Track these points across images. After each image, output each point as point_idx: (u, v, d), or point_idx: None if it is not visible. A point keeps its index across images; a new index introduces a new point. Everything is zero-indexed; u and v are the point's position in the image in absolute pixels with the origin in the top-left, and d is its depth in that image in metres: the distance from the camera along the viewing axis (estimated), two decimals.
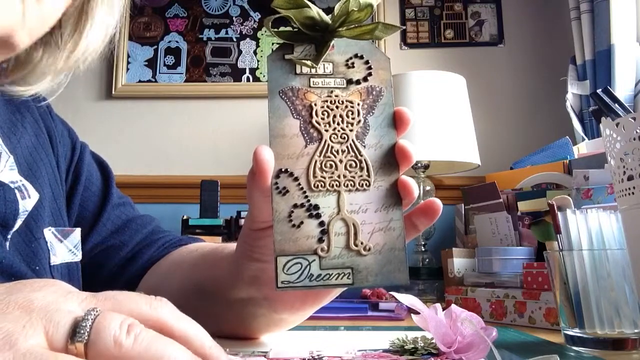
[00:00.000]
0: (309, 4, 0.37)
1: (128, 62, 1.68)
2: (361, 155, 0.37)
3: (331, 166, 0.36)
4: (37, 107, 0.60)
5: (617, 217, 0.57)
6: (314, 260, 0.34)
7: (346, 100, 0.38)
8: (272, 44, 1.68)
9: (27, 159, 0.54)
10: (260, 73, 1.67)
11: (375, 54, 0.39)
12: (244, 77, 1.67)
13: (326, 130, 0.37)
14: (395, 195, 0.37)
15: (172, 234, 0.67)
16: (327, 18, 0.38)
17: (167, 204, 1.57)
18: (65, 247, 0.55)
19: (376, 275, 0.35)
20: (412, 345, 0.43)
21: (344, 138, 0.37)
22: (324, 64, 0.38)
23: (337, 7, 0.37)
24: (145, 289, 0.60)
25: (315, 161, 0.36)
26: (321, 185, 0.36)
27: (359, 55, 0.39)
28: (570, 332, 0.54)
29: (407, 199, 0.37)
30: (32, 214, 0.51)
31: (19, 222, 0.49)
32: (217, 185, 1.35)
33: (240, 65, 1.67)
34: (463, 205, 1.28)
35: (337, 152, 0.37)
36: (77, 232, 0.58)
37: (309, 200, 0.35)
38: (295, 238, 0.34)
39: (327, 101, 0.38)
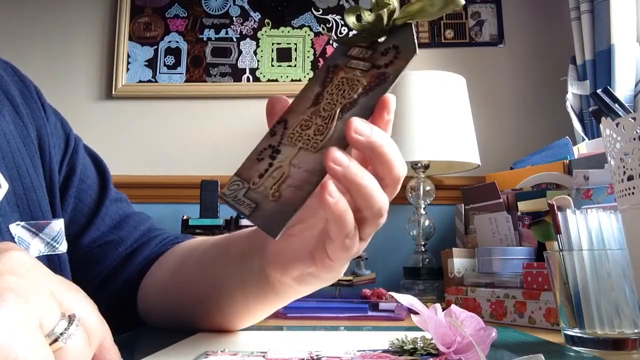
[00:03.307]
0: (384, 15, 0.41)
1: (128, 62, 1.68)
2: (331, 125, 0.39)
3: (307, 127, 0.40)
4: (25, 97, 0.60)
5: (617, 217, 0.57)
6: (246, 187, 0.39)
7: (357, 80, 0.40)
8: (272, 44, 1.68)
9: (2, 147, 0.53)
10: (260, 73, 1.67)
11: (408, 45, 0.40)
12: (244, 77, 1.67)
13: (326, 100, 0.40)
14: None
15: (168, 232, 0.67)
16: (383, 22, 0.41)
17: (167, 204, 1.57)
18: (41, 240, 0.54)
19: (263, 219, 0.37)
20: (412, 346, 0.43)
21: (332, 108, 0.40)
22: (366, 50, 0.42)
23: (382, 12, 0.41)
24: (153, 284, 0.61)
25: (303, 120, 0.40)
26: (292, 138, 0.40)
27: (396, 45, 0.41)
28: (570, 332, 0.54)
29: (329, 171, 0.36)
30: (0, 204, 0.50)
31: None
32: (217, 185, 1.35)
33: (240, 65, 1.67)
34: (463, 205, 1.28)
35: (320, 117, 0.40)
36: (55, 223, 0.57)
37: (278, 146, 0.40)
38: (250, 167, 0.40)
39: (345, 78, 0.41)
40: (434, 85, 1.29)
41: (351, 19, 0.42)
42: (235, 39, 1.69)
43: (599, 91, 0.56)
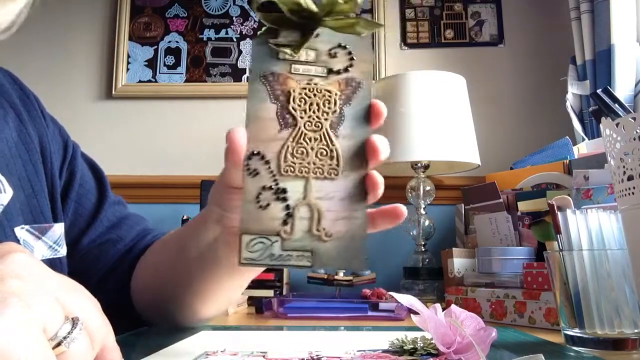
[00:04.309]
0: None
1: (128, 62, 1.68)
2: (333, 145, 0.37)
3: (302, 153, 0.37)
4: (26, 105, 0.61)
5: (617, 217, 0.57)
6: (277, 241, 0.35)
7: (324, 90, 0.38)
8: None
9: (4, 153, 0.54)
10: None
11: (359, 45, 0.39)
12: (244, 77, 1.67)
13: (301, 117, 0.37)
14: (362, 187, 0.37)
15: (161, 231, 0.70)
16: (313, 6, 0.38)
17: (167, 204, 1.57)
18: (44, 244, 0.56)
19: (334, 260, 0.35)
20: (412, 346, 0.43)
21: (318, 126, 0.37)
22: (306, 51, 0.38)
23: None
24: (140, 276, 0.63)
25: (288, 146, 0.37)
26: (291, 170, 0.36)
27: (342, 45, 0.39)
28: (570, 332, 0.54)
29: (371, 194, 0.37)
30: (4, 210, 0.51)
31: None
32: None
33: (240, 65, 1.67)
34: (463, 205, 1.28)
35: (310, 139, 0.37)
36: (57, 227, 0.58)
37: (277, 184, 0.36)
38: (260, 218, 0.35)
39: (305, 88, 0.38)
40: (434, 85, 1.29)
41: (258, 12, 0.38)
42: (235, 39, 1.69)
43: (599, 91, 0.56)
